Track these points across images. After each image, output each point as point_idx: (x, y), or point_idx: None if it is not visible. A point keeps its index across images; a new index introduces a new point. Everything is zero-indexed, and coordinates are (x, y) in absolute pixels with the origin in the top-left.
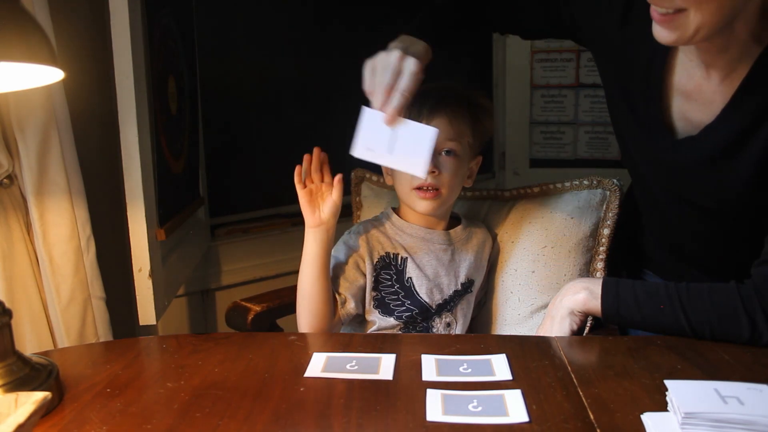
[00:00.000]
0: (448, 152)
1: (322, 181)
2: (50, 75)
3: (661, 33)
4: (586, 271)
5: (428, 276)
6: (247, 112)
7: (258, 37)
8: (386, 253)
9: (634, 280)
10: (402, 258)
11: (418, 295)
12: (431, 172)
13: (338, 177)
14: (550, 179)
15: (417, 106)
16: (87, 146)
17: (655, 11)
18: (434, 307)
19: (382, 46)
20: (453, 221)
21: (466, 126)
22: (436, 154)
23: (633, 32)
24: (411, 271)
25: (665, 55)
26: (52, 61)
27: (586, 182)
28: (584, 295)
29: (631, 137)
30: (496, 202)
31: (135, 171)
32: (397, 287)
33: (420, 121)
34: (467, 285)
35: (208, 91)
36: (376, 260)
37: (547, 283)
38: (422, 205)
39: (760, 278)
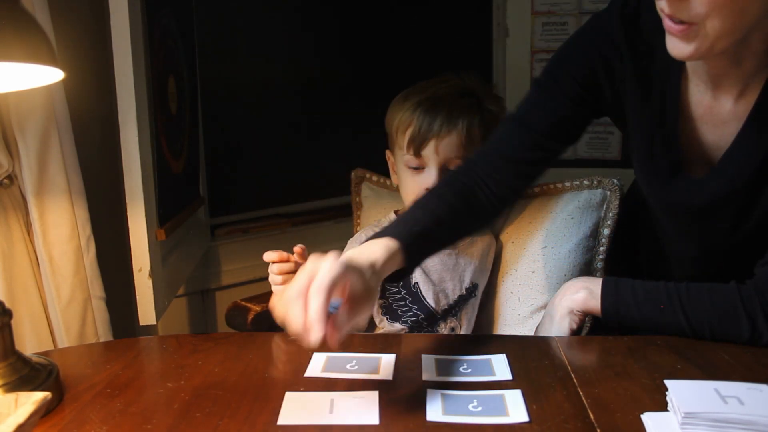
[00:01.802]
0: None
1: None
2: (50, 75)
3: (676, 46)
4: (587, 271)
5: (433, 281)
6: (247, 112)
7: (258, 37)
8: None
9: (633, 280)
10: None
11: (425, 300)
12: None
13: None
14: (550, 179)
15: (429, 118)
16: (87, 146)
17: (669, 22)
18: (440, 312)
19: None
20: None
21: (478, 140)
22: (447, 168)
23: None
24: (417, 276)
25: (677, 89)
26: (52, 61)
27: (586, 182)
28: (584, 294)
29: (647, 184)
30: None
31: (135, 171)
32: (404, 293)
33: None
34: (471, 289)
35: (208, 91)
36: None
37: (547, 283)
38: None
39: (764, 277)
